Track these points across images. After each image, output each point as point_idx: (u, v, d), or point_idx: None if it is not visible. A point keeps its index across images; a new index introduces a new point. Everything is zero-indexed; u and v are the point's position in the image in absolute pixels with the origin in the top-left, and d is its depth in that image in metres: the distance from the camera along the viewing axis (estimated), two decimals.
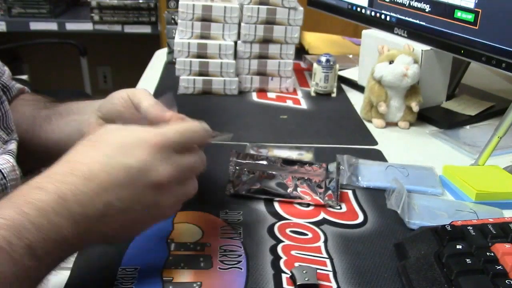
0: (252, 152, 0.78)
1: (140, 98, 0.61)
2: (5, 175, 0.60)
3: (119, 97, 0.63)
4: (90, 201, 0.44)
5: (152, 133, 0.48)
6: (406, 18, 0.99)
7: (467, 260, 0.49)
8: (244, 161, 0.70)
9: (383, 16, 1.05)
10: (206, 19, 1.02)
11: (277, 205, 0.66)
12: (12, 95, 0.77)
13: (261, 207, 0.66)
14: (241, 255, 0.56)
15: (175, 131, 0.50)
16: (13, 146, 0.66)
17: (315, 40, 1.39)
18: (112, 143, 0.48)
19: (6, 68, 0.78)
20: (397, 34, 1.01)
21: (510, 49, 0.79)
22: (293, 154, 0.79)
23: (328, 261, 0.56)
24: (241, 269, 0.54)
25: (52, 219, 0.42)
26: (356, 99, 1.06)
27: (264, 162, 0.71)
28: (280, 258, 0.56)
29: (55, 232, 0.42)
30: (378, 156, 0.82)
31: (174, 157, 0.49)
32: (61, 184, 0.44)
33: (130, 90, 0.64)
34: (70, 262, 0.53)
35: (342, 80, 1.15)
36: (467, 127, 0.95)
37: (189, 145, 0.51)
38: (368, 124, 0.94)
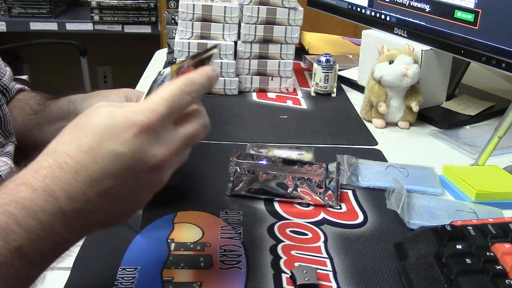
0: (252, 152, 0.78)
1: (137, 97, 0.62)
2: (3, 177, 0.60)
3: (119, 95, 0.64)
4: (83, 195, 0.41)
5: (138, 111, 0.43)
6: (406, 18, 0.99)
7: (467, 260, 0.49)
8: (244, 161, 0.70)
9: (383, 16, 1.05)
10: (206, 19, 1.02)
11: (277, 205, 0.66)
12: (11, 96, 0.77)
13: (261, 207, 0.66)
14: (241, 255, 0.56)
15: (161, 100, 0.43)
16: (10, 148, 0.66)
17: (315, 40, 1.39)
18: (97, 127, 0.42)
19: (8, 69, 0.77)
20: (397, 34, 1.01)
21: (510, 49, 0.79)
22: (293, 154, 0.79)
23: (328, 261, 0.56)
24: (241, 269, 0.54)
25: (42, 219, 0.40)
26: (356, 99, 1.06)
27: (264, 162, 0.71)
28: (280, 258, 0.56)
29: (47, 232, 0.40)
30: (378, 156, 0.82)
31: (169, 132, 0.44)
32: (49, 179, 0.41)
33: (128, 90, 0.64)
34: (70, 262, 0.53)
35: (342, 80, 1.15)
36: (467, 127, 0.95)
37: (183, 109, 0.46)
38: (368, 124, 0.94)
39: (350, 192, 0.71)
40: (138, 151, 0.42)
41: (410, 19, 0.98)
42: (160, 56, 1.32)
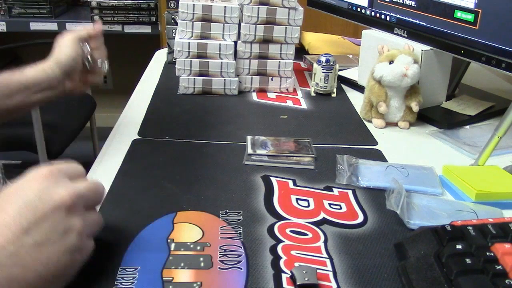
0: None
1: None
2: None
3: (72, 47, 0.79)
4: None
5: (38, 168, 0.49)
6: (406, 18, 0.99)
7: (467, 260, 0.49)
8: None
9: (383, 16, 1.05)
10: (206, 19, 1.02)
11: (277, 205, 0.66)
12: None
13: (261, 207, 0.66)
14: (241, 255, 0.56)
15: (58, 162, 0.50)
16: None
17: (315, 40, 1.40)
18: (5, 194, 0.46)
19: None
20: (397, 34, 1.01)
21: (510, 49, 0.79)
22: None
23: (328, 261, 0.56)
24: (241, 269, 0.54)
25: None
26: (356, 99, 1.06)
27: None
28: (280, 258, 0.56)
29: None
30: (378, 156, 0.82)
31: (68, 181, 0.49)
32: None
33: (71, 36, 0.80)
34: None
35: (342, 80, 1.15)
36: (467, 127, 0.95)
37: (76, 172, 0.52)
38: (368, 124, 0.94)
39: (350, 192, 0.71)
40: (42, 193, 0.46)
41: (410, 19, 0.98)
42: (160, 56, 1.32)
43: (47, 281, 0.44)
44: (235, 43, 1.04)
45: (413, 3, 0.97)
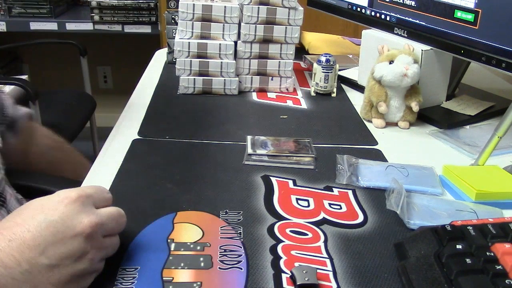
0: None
1: None
2: None
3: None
4: (14, 261, 0.44)
5: (68, 190, 0.51)
6: (406, 18, 0.99)
7: (467, 260, 0.49)
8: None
9: (383, 16, 1.05)
10: (206, 19, 1.02)
11: (277, 205, 0.66)
12: (20, 127, 0.86)
13: (261, 207, 0.66)
14: (241, 255, 0.56)
15: (88, 187, 0.53)
16: None
17: (315, 40, 1.39)
18: (30, 205, 0.49)
19: (6, 98, 0.83)
20: (397, 34, 1.01)
21: (510, 49, 0.79)
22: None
23: (328, 261, 0.56)
24: (241, 269, 0.54)
25: None
26: (356, 99, 1.06)
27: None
28: (280, 258, 0.56)
29: None
30: (378, 156, 0.82)
31: (93, 208, 0.51)
32: None
33: None
34: None
35: (342, 80, 1.15)
36: (467, 127, 0.95)
37: (102, 198, 0.53)
38: (368, 124, 0.94)
39: (350, 192, 0.71)
40: (66, 218, 0.48)
41: (410, 19, 0.98)
42: (160, 56, 1.32)
43: None
44: (235, 43, 1.04)
45: (413, 3, 0.97)
